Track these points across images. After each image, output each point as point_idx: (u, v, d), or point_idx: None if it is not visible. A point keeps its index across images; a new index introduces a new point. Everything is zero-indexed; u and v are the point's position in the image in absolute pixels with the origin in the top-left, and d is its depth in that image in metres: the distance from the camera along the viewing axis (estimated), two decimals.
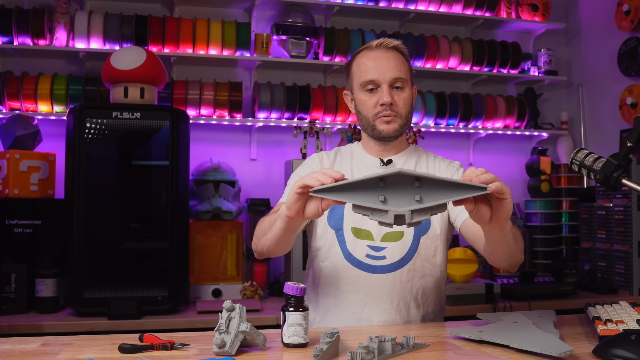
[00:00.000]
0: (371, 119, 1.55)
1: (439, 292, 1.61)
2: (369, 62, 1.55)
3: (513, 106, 3.35)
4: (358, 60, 1.58)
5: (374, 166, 1.60)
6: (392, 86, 1.54)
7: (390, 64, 1.54)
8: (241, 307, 1.20)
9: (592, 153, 1.37)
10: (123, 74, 2.48)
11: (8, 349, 1.21)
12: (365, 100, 1.55)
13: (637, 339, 1.11)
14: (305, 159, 1.68)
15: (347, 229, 1.54)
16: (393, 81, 1.53)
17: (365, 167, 1.60)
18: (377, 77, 1.53)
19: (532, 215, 3.30)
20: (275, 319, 2.35)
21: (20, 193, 2.47)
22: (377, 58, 1.55)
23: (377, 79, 1.53)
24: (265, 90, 3.02)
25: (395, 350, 1.17)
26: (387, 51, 1.56)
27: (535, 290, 2.69)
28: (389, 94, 1.52)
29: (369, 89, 1.54)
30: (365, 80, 1.54)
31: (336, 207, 1.55)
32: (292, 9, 3.08)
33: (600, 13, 3.36)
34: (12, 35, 2.78)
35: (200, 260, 2.74)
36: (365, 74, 1.54)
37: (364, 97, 1.56)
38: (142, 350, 1.18)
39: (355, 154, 1.65)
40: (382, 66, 1.53)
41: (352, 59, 1.62)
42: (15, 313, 2.34)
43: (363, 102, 1.56)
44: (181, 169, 2.45)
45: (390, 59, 1.55)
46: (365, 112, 1.56)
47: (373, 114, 1.55)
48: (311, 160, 1.64)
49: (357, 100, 1.58)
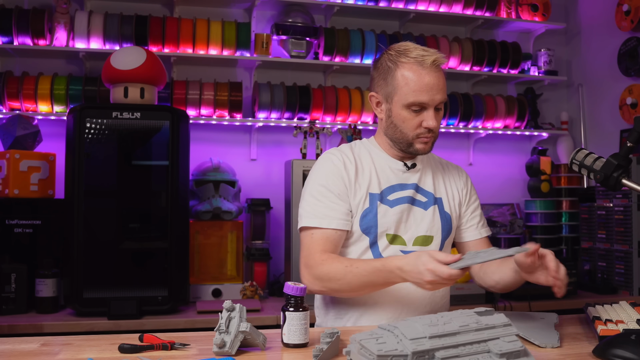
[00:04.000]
0: (411, 138, 1.51)
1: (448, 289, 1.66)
2: (421, 81, 1.45)
3: (513, 106, 3.35)
4: (406, 72, 1.47)
5: (398, 170, 1.56)
6: (436, 108, 1.49)
7: (441, 84, 1.47)
8: (241, 307, 1.20)
9: (592, 153, 1.37)
10: (123, 74, 2.48)
11: (8, 349, 1.21)
12: (409, 120, 1.49)
13: (637, 339, 1.11)
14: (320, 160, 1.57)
15: (381, 235, 1.51)
16: (440, 104, 1.49)
17: (390, 170, 1.57)
18: (428, 100, 1.46)
19: (532, 215, 3.30)
20: (275, 319, 2.35)
21: (20, 193, 2.47)
22: (432, 78, 1.46)
23: (428, 102, 1.46)
24: (265, 90, 3.02)
25: None
26: (437, 70, 1.47)
27: (535, 290, 2.69)
28: (434, 118, 1.47)
29: (415, 110, 1.48)
30: (415, 102, 1.46)
31: (368, 215, 1.50)
32: (292, 9, 3.08)
33: (600, 13, 3.36)
34: (12, 35, 2.78)
35: (200, 260, 2.74)
36: (416, 95, 1.46)
37: (407, 115, 1.49)
38: (142, 350, 1.18)
39: (375, 156, 1.58)
40: (434, 89, 1.46)
41: (393, 64, 1.50)
42: (15, 313, 2.34)
43: (405, 119, 1.49)
44: (181, 169, 2.45)
45: (441, 79, 1.47)
46: (405, 129, 1.50)
47: (414, 134, 1.50)
48: (331, 164, 1.54)
49: (397, 115, 1.50)
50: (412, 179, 1.57)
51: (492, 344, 0.96)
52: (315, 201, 1.50)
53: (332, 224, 1.48)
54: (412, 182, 1.57)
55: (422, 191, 1.58)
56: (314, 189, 1.52)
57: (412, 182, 1.57)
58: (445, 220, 1.58)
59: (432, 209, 1.57)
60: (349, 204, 1.51)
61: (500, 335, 0.98)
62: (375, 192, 1.53)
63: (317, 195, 1.51)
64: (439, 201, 1.59)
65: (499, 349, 0.95)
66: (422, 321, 0.98)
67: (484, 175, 3.45)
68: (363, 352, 0.95)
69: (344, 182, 1.52)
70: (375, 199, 1.52)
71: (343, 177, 1.52)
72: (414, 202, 1.55)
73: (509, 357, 0.95)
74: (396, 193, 1.54)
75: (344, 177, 1.52)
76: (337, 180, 1.51)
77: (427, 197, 1.58)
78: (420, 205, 1.56)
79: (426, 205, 1.57)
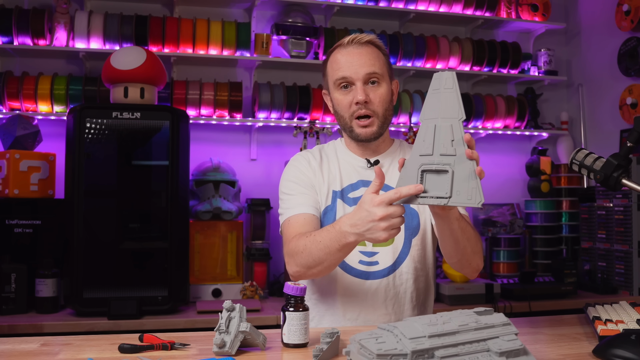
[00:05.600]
0: (348, 119, 1.51)
1: (429, 289, 1.61)
2: (342, 58, 1.49)
3: (513, 106, 3.35)
4: (331, 58, 1.53)
5: (360, 167, 1.57)
6: (367, 82, 1.48)
7: (363, 59, 1.48)
8: (241, 307, 1.20)
9: (592, 153, 1.37)
10: (123, 74, 2.48)
11: (8, 349, 1.21)
12: (341, 99, 1.50)
13: (637, 339, 1.11)
14: (287, 164, 1.61)
15: None
16: (367, 77, 1.47)
17: (352, 168, 1.57)
18: (349, 73, 1.47)
19: (532, 215, 3.30)
20: (275, 319, 2.35)
21: (20, 193, 2.47)
22: (349, 54, 1.49)
23: (350, 76, 1.48)
24: (265, 90, 3.02)
25: None
26: (360, 47, 1.50)
27: (535, 290, 2.69)
28: (363, 91, 1.46)
29: (343, 85, 1.49)
30: (338, 78, 1.49)
31: (329, 213, 1.51)
32: (292, 9, 3.08)
33: (600, 13, 3.36)
34: (12, 35, 2.78)
35: (200, 260, 2.74)
36: (337, 72, 1.49)
37: (339, 96, 1.51)
38: (142, 350, 1.18)
39: (340, 155, 1.60)
40: (355, 62, 1.47)
41: (326, 57, 1.57)
42: (15, 313, 2.34)
43: (338, 101, 1.51)
44: (181, 169, 2.45)
45: (363, 54, 1.49)
46: (341, 111, 1.52)
47: (349, 113, 1.50)
48: (297, 162, 1.58)
49: (334, 99, 1.53)
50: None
51: (492, 343, 0.96)
52: (288, 197, 1.54)
53: (302, 209, 1.50)
54: None
55: (386, 188, 1.53)
56: (284, 186, 1.56)
57: None
58: (410, 217, 1.54)
59: None
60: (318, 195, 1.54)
61: (499, 334, 0.98)
62: (337, 190, 1.54)
63: (288, 191, 1.55)
64: None
65: (499, 347, 0.95)
66: (421, 321, 0.98)
67: None
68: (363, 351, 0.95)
69: (308, 176, 1.55)
70: (336, 197, 1.53)
71: (307, 172, 1.56)
72: None
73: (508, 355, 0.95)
74: (358, 190, 1.53)
75: (308, 173, 1.56)
76: (303, 176, 1.55)
77: None
78: None
79: None
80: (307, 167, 1.57)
